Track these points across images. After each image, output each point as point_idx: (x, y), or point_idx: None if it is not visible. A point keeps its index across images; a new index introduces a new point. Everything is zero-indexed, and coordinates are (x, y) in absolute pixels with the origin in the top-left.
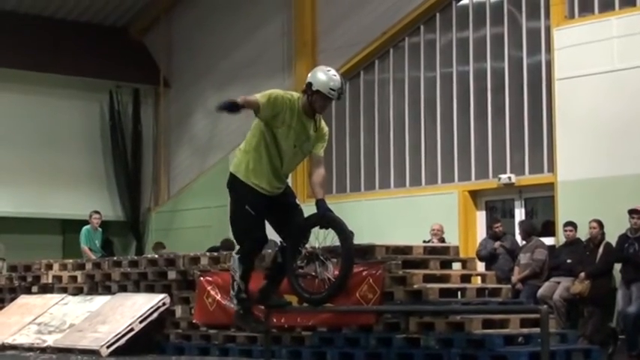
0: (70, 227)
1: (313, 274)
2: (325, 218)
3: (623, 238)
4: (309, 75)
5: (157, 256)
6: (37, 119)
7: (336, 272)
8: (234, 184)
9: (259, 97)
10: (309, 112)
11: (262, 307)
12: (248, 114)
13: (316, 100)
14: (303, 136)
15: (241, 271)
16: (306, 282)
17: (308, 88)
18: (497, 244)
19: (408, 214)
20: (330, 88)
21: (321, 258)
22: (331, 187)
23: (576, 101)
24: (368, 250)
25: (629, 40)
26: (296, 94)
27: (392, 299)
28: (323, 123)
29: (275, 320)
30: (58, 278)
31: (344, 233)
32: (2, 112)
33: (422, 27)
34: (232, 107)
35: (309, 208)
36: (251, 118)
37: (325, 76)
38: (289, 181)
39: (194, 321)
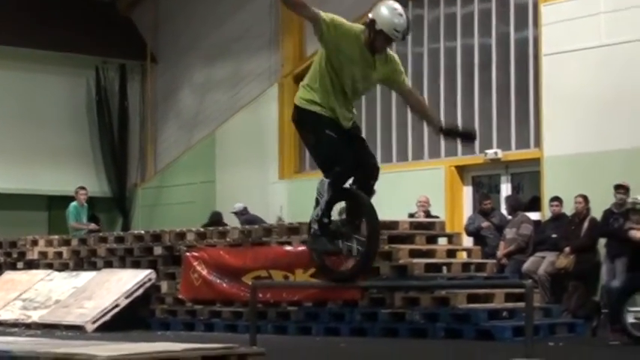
0: (55, 203)
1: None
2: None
3: (608, 213)
4: (373, 10)
5: (142, 231)
6: (23, 95)
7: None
8: (306, 115)
9: (322, 13)
10: (370, 49)
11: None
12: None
13: (378, 40)
14: (366, 73)
15: (328, 196)
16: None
17: (371, 24)
18: (485, 224)
19: (395, 190)
20: (395, 29)
21: (345, 233)
22: None
23: (563, 77)
24: None
25: (616, 16)
26: (359, 26)
27: (378, 274)
28: (390, 53)
29: (261, 295)
30: (44, 254)
31: (367, 209)
32: None
33: (410, 3)
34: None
35: (295, 184)
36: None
37: (390, 14)
38: None
39: (180, 296)
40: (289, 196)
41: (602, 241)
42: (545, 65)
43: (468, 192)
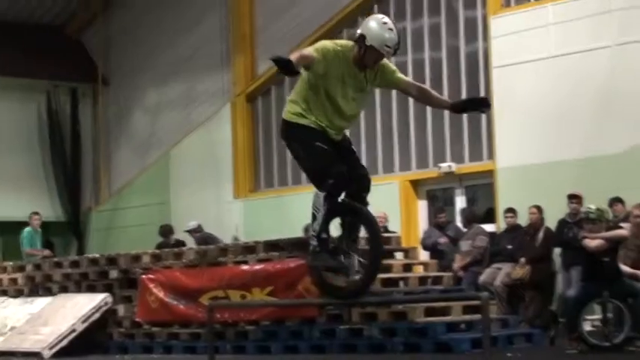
0: (8, 229)
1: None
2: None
3: (562, 223)
4: (362, 25)
5: (97, 255)
6: None
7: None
8: (295, 129)
9: (312, 50)
10: (360, 65)
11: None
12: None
13: (368, 56)
14: (357, 89)
15: (325, 210)
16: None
17: (361, 40)
18: (443, 240)
19: None
20: (386, 44)
21: (345, 249)
22: (272, 180)
23: (514, 89)
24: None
25: (565, 27)
26: (348, 44)
27: None
28: (384, 61)
29: (218, 316)
30: None
31: (369, 222)
32: None
33: (360, 19)
34: (287, 66)
35: (250, 203)
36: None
37: (381, 29)
38: None
39: (137, 319)
40: (245, 215)
41: (557, 251)
42: (496, 77)
43: (422, 206)
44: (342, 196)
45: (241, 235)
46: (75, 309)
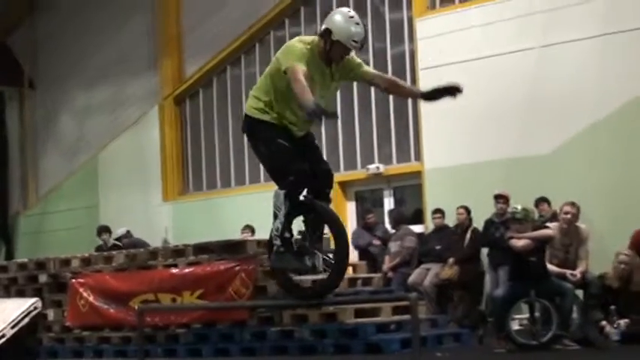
0: None
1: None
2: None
3: (489, 223)
4: (328, 19)
5: (26, 260)
6: None
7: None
8: (257, 125)
9: (294, 62)
10: (326, 60)
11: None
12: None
13: (335, 50)
14: (323, 85)
15: (286, 208)
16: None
17: (326, 34)
18: (376, 241)
19: None
20: (353, 39)
21: (309, 248)
22: (201, 183)
23: None
24: (239, 245)
25: (489, 29)
26: (314, 40)
27: (265, 293)
28: (349, 55)
29: (149, 319)
30: None
31: (332, 219)
32: None
33: (287, 21)
34: (321, 112)
35: (179, 206)
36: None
37: (347, 23)
38: None
39: (67, 324)
40: (174, 218)
41: (484, 251)
42: (422, 79)
43: (351, 207)
44: (304, 193)
45: (171, 238)
46: (4, 314)
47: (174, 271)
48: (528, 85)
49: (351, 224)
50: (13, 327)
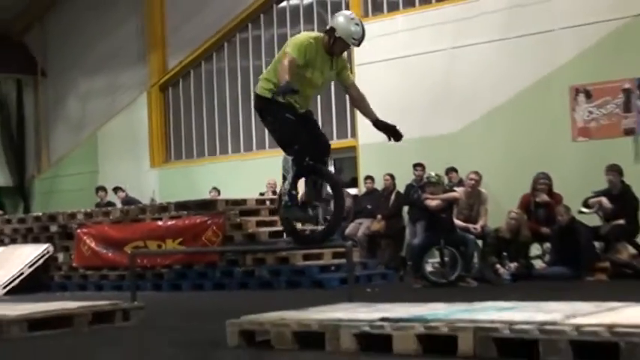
0: None
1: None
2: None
3: (409, 187)
4: (333, 19)
5: (40, 213)
6: None
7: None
8: (267, 102)
9: (290, 51)
10: (329, 52)
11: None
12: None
13: (337, 45)
14: (324, 74)
15: (293, 171)
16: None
17: (331, 32)
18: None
19: (243, 174)
20: (352, 37)
21: (312, 203)
22: (181, 153)
23: (372, 82)
24: (211, 204)
25: (411, 34)
26: (319, 35)
27: (232, 241)
28: (343, 56)
29: (138, 261)
30: None
31: (332, 179)
32: None
33: (250, 25)
34: (290, 89)
35: (164, 172)
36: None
37: (348, 24)
38: None
39: (73, 264)
40: (159, 181)
41: (405, 209)
42: (358, 73)
43: None
44: (307, 159)
45: (157, 198)
46: (22, 256)
47: (159, 223)
48: (441, 78)
49: (301, 187)
50: (30, 267)
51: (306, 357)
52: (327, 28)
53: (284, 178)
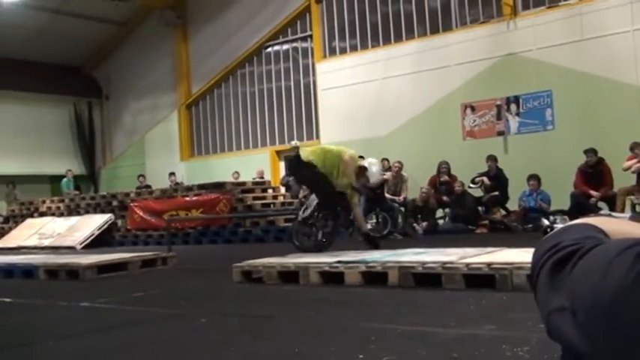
0: (55, 179)
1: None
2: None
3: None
4: (368, 164)
5: (105, 193)
6: (34, 120)
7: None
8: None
9: (349, 159)
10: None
11: None
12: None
13: (360, 175)
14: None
15: (312, 208)
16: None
17: (363, 168)
18: (290, 180)
19: (243, 164)
20: (372, 181)
21: (316, 226)
22: (202, 151)
23: (330, 102)
24: (222, 185)
25: (355, 68)
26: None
27: (236, 210)
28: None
29: (172, 225)
30: (49, 208)
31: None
32: (10, 118)
33: (247, 63)
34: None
35: (190, 164)
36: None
37: (376, 171)
38: None
39: (128, 228)
40: (187, 170)
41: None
42: (320, 97)
43: (282, 165)
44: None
45: (185, 181)
46: (93, 223)
47: (187, 199)
48: (375, 98)
49: (281, 173)
50: (98, 229)
51: (286, 288)
52: (362, 165)
53: (305, 208)
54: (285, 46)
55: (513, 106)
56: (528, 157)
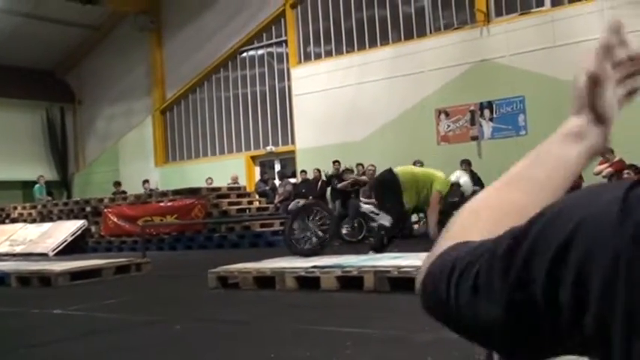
0: (27, 185)
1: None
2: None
3: (330, 177)
4: (456, 178)
5: (78, 199)
6: (5, 126)
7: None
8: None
9: (440, 189)
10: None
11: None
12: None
13: (454, 192)
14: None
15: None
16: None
17: (456, 185)
18: (266, 188)
19: (217, 170)
20: (467, 193)
21: (313, 230)
22: (176, 157)
23: (305, 107)
24: (197, 190)
25: (330, 74)
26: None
27: (211, 216)
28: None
29: (147, 230)
30: (21, 214)
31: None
32: None
33: (222, 68)
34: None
35: (164, 170)
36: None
37: (466, 182)
38: None
39: (102, 234)
40: (161, 175)
41: (329, 190)
42: (295, 101)
43: (257, 170)
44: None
45: (160, 187)
46: (66, 229)
47: (161, 204)
48: (350, 103)
49: (256, 179)
50: (71, 236)
51: (262, 294)
52: (455, 183)
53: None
54: (260, 52)
55: (487, 112)
56: (502, 162)
